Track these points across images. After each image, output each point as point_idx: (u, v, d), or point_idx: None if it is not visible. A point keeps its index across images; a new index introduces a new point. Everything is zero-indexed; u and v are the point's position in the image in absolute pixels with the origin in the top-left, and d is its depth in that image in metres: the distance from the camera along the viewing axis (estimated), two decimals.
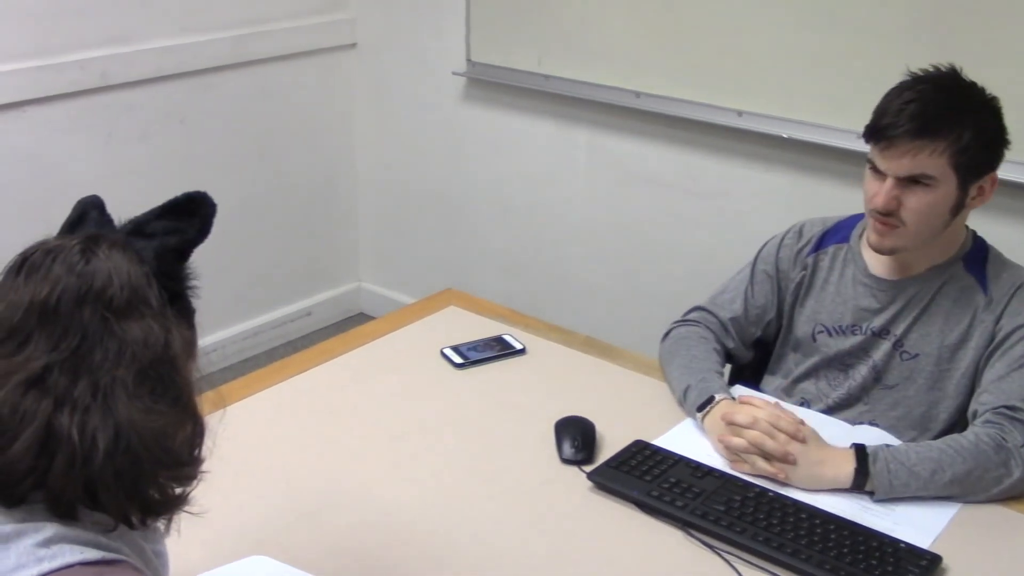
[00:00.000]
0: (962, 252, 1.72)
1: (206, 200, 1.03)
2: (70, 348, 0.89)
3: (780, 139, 2.65)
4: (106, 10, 2.90)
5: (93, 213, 1.01)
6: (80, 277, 0.91)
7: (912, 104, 1.58)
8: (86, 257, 0.92)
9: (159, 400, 0.92)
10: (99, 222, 1.00)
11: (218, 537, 1.40)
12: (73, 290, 0.90)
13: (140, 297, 0.93)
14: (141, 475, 0.91)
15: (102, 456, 0.88)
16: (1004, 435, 1.55)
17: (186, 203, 1.02)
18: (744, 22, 2.63)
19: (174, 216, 1.01)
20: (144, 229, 0.99)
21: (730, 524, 1.44)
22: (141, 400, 0.90)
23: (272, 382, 1.83)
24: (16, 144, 2.79)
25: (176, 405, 0.93)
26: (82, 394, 0.88)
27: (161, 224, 1.00)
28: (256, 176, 3.42)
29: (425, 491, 1.54)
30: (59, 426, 0.87)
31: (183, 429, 0.94)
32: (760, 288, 1.88)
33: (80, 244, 0.93)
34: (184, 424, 0.95)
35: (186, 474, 0.96)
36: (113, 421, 0.89)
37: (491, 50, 3.16)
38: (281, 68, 3.38)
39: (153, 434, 0.90)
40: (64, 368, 0.89)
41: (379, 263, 3.82)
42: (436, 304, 2.14)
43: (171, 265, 0.98)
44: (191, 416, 0.96)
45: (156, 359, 0.92)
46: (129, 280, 0.92)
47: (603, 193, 3.10)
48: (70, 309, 0.90)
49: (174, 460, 0.94)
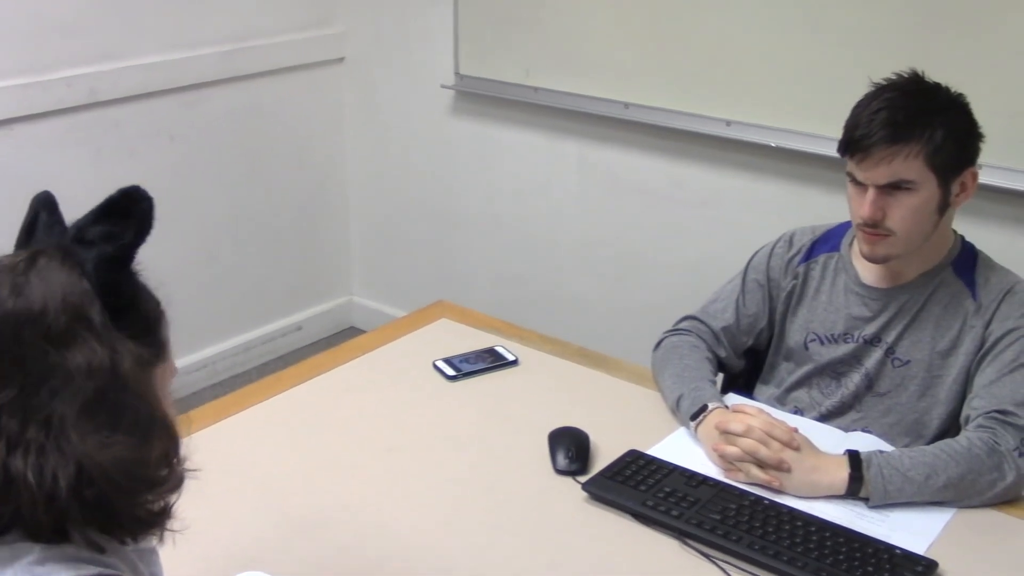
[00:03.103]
0: (951, 257, 1.73)
1: (140, 196, 0.93)
2: (15, 388, 0.85)
3: (768, 148, 2.66)
4: (93, 27, 2.90)
5: (43, 215, 0.95)
6: (16, 306, 0.86)
7: (881, 112, 1.60)
8: (19, 285, 0.87)
9: (116, 428, 0.87)
10: (48, 224, 0.94)
11: (211, 553, 1.39)
12: (10, 323, 0.86)
13: (81, 319, 0.87)
14: (114, 504, 0.88)
15: (66, 494, 0.85)
16: (997, 439, 1.55)
17: (121, 202, 0.93)
18: (732, 32, 2.64)
19: (110, 219, 0.92)
20: (84, 235, 0.92)
21: (726, 533, 1.44)
22: (97, 432, 0.86)
23: (263, 397, 1.83)
24: (4, 161, 2.78)
25: (136, 428, 0.89)
26: (34, 435, 0.85)
27: (98, 230, 0.92)
28: (246, 191, 3.42)
29: (419, 504, 1.54)
30: (15, 470, 0.84)
31: (151, 449, 0.90)
32: (751, 297, 1.88)
33: (14, 267, 0.88)
34: (151, 443, 0.90)
35: (166, 490, 0.92)
36: (72, 459, 0.85)
37: (480, 63, 3.17)
38: (269, 83, 3.38)
39: (117, 465, 0.86)
40: (11, 410, 0.85)
41: (369, 277, 3.81)
42: (428, 317, 2.14)
43: (114, 275, 0.91)
44: (159, 432, 0.91)
45: (104, 386, 0.87)
46: (66, 303, 0.87)
47: (593, 204, 3.10)
48: (8, 345, 0.86)
49: (147, 483, 0.90)
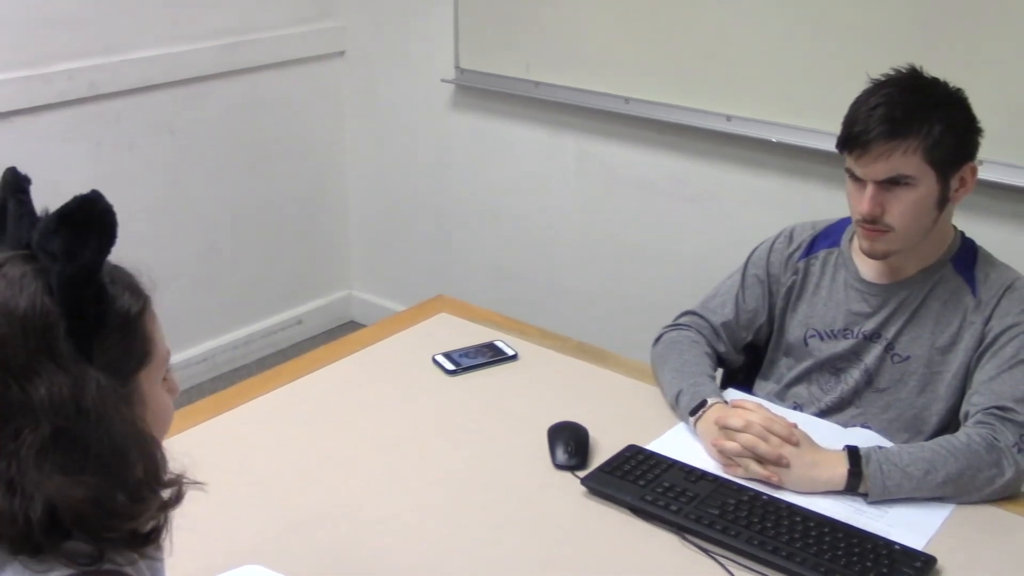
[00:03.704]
0: (951, 253, 1.73)
1: (99, 205, 0.86)
2: None
3: (769, 143, 2.65)
4: (94, 20, 2.89)
5: (12, 204, 0.91)
6: None
7: (879, 108, 1.60)
8: None
9: (83, 466, 0.84)
10: (17, 216, 0.90)
11: (211, 547, 1.40)
12: None
13: (43, 347, 0.84)
14: (97, 532, 0.86)
15: (40, 532, 0.83)
16: (996, 435, 1.55)
17: (79, 211, 0.86)
18: (732, 27, 2.64)
19: (70, 230, 0.86)
20: (48, 245, 0.86)
21: (724, 528, 1.44)
22: (63, 473, 0.83)
23: (263, 391, 1.83)
24: (4, 154, 2.77)
25: (105, 463, 0.85)
26: (2, 471, 0.83)
27: (58, 242, 0.85)
28: (245, 185, 3.41)
29: (418, 498, 1.54)
30: None
31: (126, 479, 0.86)
32: (751, 292, 1.88)
33: None
34: (125, 473, 0.86)
35: (152, 512, 0.89)
36: (41, 497, 0.82)
37: (480, 57, 3.16)
38: (270, 77, 3.38)
39: (89, 504, 0.83)
40: None
41: (369, 271, 3.81)
42: (427, 311, 2.14)
43: (78, 293, 0.86)
44: (136, 456, 0.88)
45: (68, 423, 0.84)
46: (25, 331, 0.84)
47: (593, 199, 3.10)
48: None
49: (123, 516, 0.86)
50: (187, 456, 0.95)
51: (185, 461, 0.94)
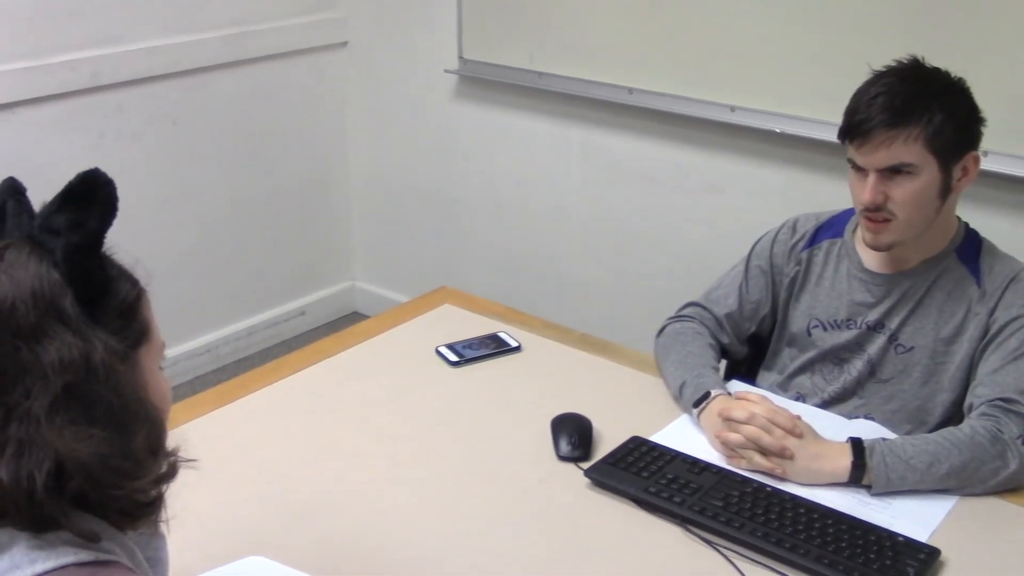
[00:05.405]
0: (955, 244, 1.73)
1: (100, 179, 0.92)
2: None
3: (773, 134, 2.65)
4: (96, 10, 2.89)
5: (10, 204, 0.93)
6: None
7: (880, 97, 1.61)
8: None
9: (92, 421, 0.86)
10: (16, 212, 0.92)
11: (214, 538, 1.40)
12: None
13: (51, 312, 0.87)
14: (100, 496, 0.88)
15: (45, 492, 0.84)
16: (1000, 427, 1.55)
17: (81, 187, 0.91)
18: (736, 17, 2.63)
19: (73, 206, 0.90)
20: (51, 224, 0.90)
21: (728, 520, 1.44)
22: (72, 426, 0.85)
23: (267, 382, 1.83)
24: (6, 145, 2.78)
25: (112, 420, 0.88)
26: (11, 436, 0.85)
27: (63, 218, 0.90)
28: (248, 175, 3.41)
29: (421, 490, 1.54)
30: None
31: (131, 440, 0.89)
32: (754, 283, 1.88)
33: None
34: (130, 434, 0.89)
35: (152, 480, 0.92)
36: (49, 454, 0.84)
37: (483, 47, 3.16)
38: (272, 67, 3.37)
39: (95, 459, 0.86)
40: None
41: (372, 262, 3.81)
42: (430, 302, 2.14)
43: (84, 263, 0.90)
44: (140, 422, 0.90)
45: (77, 380, 0.86)
46: (36, 297, 0.86)
47: (597, 189, 3.09)
48: None
49: (129, 475, 0.89)
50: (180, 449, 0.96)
51: (179, 440, 0.97)
